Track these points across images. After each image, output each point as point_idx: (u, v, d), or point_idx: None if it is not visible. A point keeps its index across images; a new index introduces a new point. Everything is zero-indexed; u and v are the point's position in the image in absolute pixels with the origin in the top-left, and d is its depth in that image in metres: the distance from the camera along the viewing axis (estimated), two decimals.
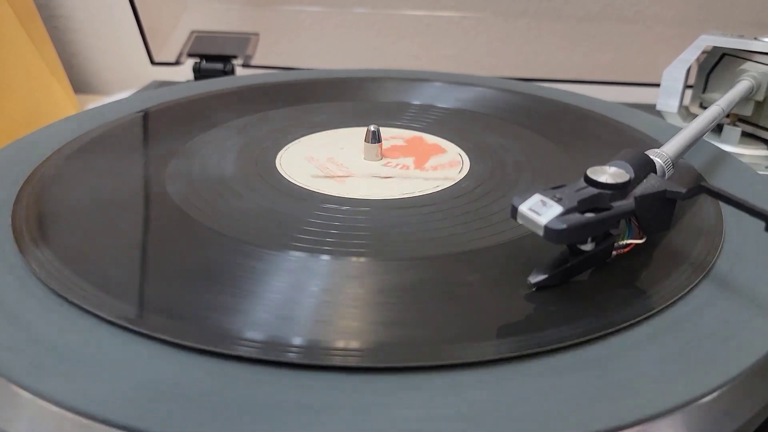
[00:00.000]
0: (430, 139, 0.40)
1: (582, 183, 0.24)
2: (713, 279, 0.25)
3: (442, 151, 0.38)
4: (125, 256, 0.26)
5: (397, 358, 0.20)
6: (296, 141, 0.39)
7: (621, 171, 0.24)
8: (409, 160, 0.37)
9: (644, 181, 0.25)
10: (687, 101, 0.51)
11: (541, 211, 0.22)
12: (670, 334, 0.22)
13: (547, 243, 0.22)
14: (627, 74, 0.63)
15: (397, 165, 0.36)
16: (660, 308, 0.23)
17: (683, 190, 0.24)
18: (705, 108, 0.37)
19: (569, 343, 0.21)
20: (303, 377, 0.19)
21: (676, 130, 0.32)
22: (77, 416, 0.18)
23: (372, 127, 0.36)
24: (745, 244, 0.27)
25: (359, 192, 0.32)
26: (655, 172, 0.26)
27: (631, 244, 0.25)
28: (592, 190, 0.23)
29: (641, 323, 0.22)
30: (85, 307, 0.22)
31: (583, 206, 0.22)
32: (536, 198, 0.22)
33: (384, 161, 0.36)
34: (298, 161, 0.36)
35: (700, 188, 0.23)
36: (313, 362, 0.20)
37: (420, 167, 0.36)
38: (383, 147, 0.37)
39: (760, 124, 0.46)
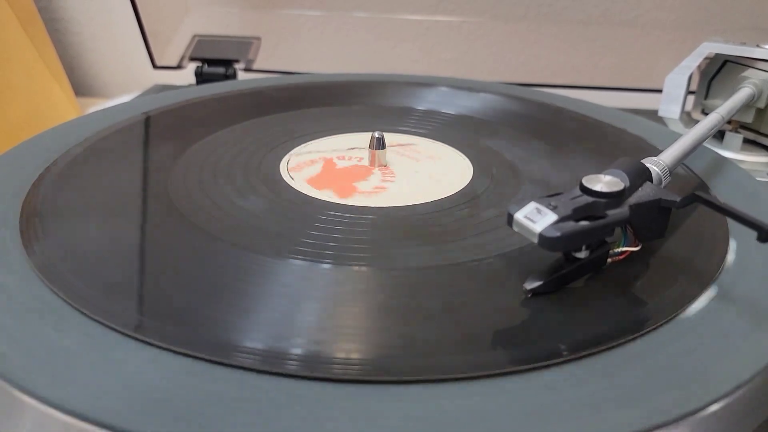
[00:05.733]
0: (430, 144, 0.40)
1: (577, 191, 0.24)
2: (716, 289, 0.25)
3: (439, 157, 0.38)
4: (127, 262, 0.26)
5: (398, 369, 0.20)
6: (299, 146, 0.39)
7: (616, 180, 0.24)
8: (412, 166, 0.37)
9: (639, 189, 0.25)
10: (689, 107, 0.51)
11: (536, 218, 0.22)
12: (673, 345, 0.22)
13: (546, 251, 0.22)
14: (628, 79, 0.63)
15: (401, 171, 0.36)
16: (664, 320, 0.23)
17: (678, 199, 0.24)
18: (707, 114, 0.37)
19: (574, 356, 0.21)
20: (302, 387, 0.19)
21: (678, 136, 0.32)
22: (80, 422, 0.18)
23: (376, 134, 0.36)
24: (749, 252, 0.27)
25: (362, 199, 0.32)
26: (651, 181, 0.26)
27: (626, 251, 0.25)
28: (587, 199, 0.23)
29: (645, 335, 0.22)
30: (88, 312, 0.22)
31: (578, 214, 0.22)
32: (532, 206, 0.23)
33: (387, 167, 0.36)
34: (301, 167, 0.36)
35: (694, 197, 0.23)
36: (313, 374, 0.19)
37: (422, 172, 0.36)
38: (387, 153, 0.37)
39: (762, 131, 0.46)
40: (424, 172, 0.36)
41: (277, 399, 0.19)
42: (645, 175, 0.26)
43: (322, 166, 0.36)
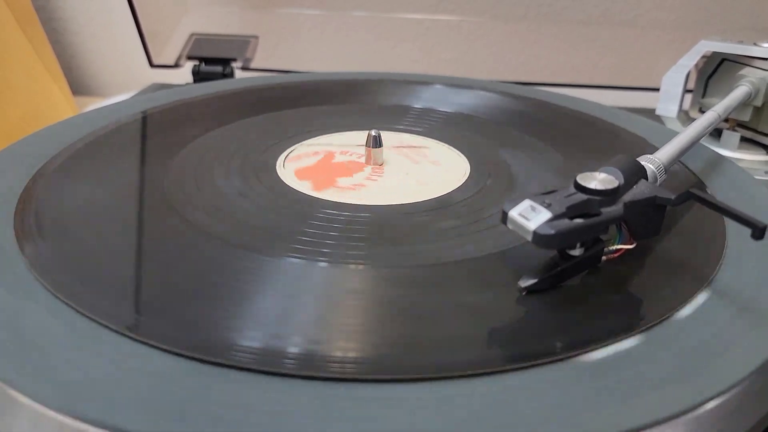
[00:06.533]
0: (427, 141, 0.40)
1: (572, 189, 0.24)
2: (712, 287, 0.25)
3: (436, 155, 0.38)
4: (123, 260, 0.26)
5: (394, 368, 0.20)
6: (296, 145, 0.39)
7: (610, 177, 0.24)
8: (407, 164, 0.37)
9: (634, 187, 0.25)
10: (687, 106, 0.51)
11: (530, 216, 0.22)
12: (668, 343, 0.21)
13: (540, 249, 0.22)
14: (626, 78, 0.63)
15: (398, 172, 0.36)
16: (659, 318, 0.22)
17: (673, 197, 0.24)
18: (704, 113, 0.37)
19: (569, 354, 0.21)
20: (299, 386, 0.19)
21: (675, 134, 0.32)
22: (75, 421, 0.18)
23: (373, 132, 0.36)
24: (745, 250, 0.27)
25: (359, 198, 0.32)
26: (647, 178, 0.26)
27: (621, 249, 0.25)
28: (581, 196, 0.23)
29: (640, 333, 0.22)
30: (83, 311, 0.22)
31: (572, 212, 0.22)
32: (526, 203, 0.22)
33: (385, 167, 0.36)
34: (299, 166, 0.36)
35: (688, 194, 0.23)
36: (310, 372, 0.19)
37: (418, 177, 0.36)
38: (384, 152, 0.37)
39: (759, 129, 0.46)
40: (418, 171, 0.36)
41: (273, 398, 0.19)
42: (640, 172, 0.26)
43: (318, 160, 0.36)
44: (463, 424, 0.18)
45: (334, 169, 0.36)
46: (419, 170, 0.36)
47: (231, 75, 0.61)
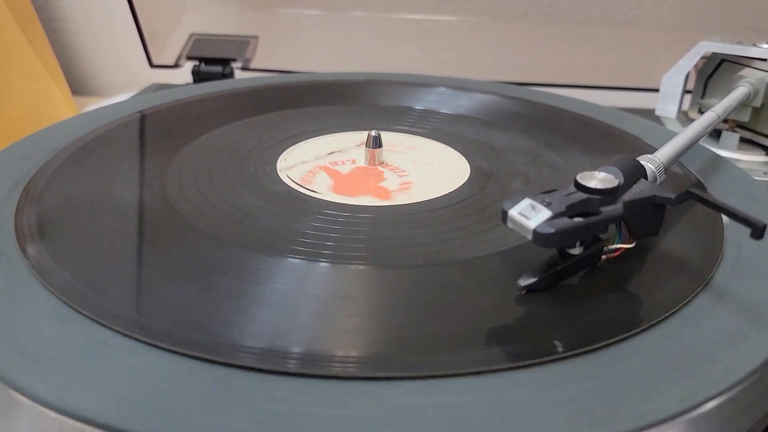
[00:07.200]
0: (427, 143, 0.40)
1: (572, 188, 0.24)
2: (712, 287, 0.25)
3: (436, 156, 0.38)
4: (123, 261, 0.26)
5: (395, 366, 0.20)
6: (296, 145, 0.39)
7: (610, 176, 0.24)
8: (409, 169, 0.37)
9: (634, 186, 0.25)
10: (686, 107, 0.51)
11: (530, 215, 0.22)
12: (668, 343, 0.22)
13: (541, 249, 0.22)
14: (627, 79, 0.63)
15: (396, 173, 0.36)
16: (658, 318, 0.23)
17: (672, 196, 0.24)
18: (704, 113, 0.37)
19: (569, 353, 0.21)
20: (301, 385, 0.19)
21: (675, 135, 0.32)
22: (75, 421, 0.18)
23: (373, 132, 0.36)
24: (744, 250, 0.27)
25: (360, 198, 0.32)
26: (646, 178, 0.26)
27: (620, 248, 0.25)
28: (581, 195, 0.23)
29: (640, 333, 0.22)
30: (83, 311, 0.22)
31: (572, 211, 0.22)
32: (526, 202, 0.23)
33: (383, 167, 0.36)
34: (298, 166, 0.36)
35: (688, 194, 0.23)
36: (311, 371, 0.19)
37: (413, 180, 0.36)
38: (384, 152, 0.37)
39: (758, 130, 0.46)
40: (418, 171, 0.36)
41: (275, 396, 0.19)
42: (640, 172, 0.26)
43: (320, 163, 0.36)
44: (462, 423, 0.18)
45: (333, 169, 0.36)
46: (419, 171, 0.36)
47: (231, 75, 0.61)
